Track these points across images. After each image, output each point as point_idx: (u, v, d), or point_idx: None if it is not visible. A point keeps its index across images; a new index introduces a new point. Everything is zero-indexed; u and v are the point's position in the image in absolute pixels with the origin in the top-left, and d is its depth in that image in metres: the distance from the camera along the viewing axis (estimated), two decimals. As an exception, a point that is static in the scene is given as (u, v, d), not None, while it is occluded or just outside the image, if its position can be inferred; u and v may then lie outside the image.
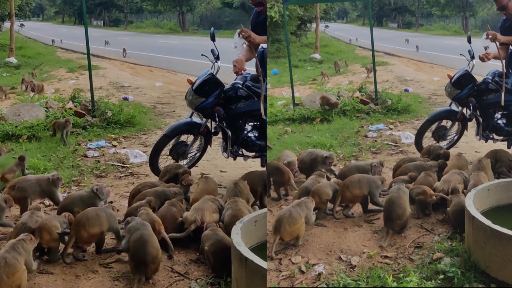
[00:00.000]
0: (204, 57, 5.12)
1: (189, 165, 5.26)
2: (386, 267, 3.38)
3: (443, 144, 5.90)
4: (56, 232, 3.47)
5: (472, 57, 5.59)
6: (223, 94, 4.94)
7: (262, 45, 4.87)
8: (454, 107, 5.82)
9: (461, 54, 5.76)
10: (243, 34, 4.54)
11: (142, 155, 6.06)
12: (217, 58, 5.00)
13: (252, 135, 5.11)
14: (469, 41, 5.67)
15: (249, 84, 4.92)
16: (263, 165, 5.12)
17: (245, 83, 4.93)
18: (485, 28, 5.99)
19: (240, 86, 4.92)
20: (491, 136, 5.75)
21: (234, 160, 5.27)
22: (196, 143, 5.30)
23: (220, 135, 5.18)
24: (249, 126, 5.12)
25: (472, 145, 6.29)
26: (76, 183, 5.20)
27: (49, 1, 25.30)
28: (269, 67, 13.08)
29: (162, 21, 25.61)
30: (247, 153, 5.18)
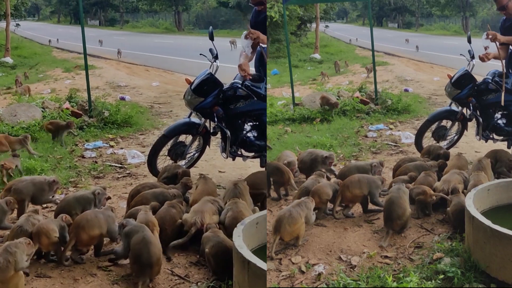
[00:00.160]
0: (201, 56, 5.07)
1: (187, 165, 5.23)
2: (386, 267, 3.36)
3: (443, 144, 5.89)
4: (54, 235, 3.41)
5: (472, 57, 5.58)
6: (222, 94, 4.91)
7: (260, 44, 4.84)
8: (454, 107, 5.82)
9: (461, 54, 5.76)
10: (251, 35, 4.50)
11: (140, 155, 6.02)
12: (215, 57, 4.96)
13: (251, 135, 5.08)
14: (469, 41, 5.67)
15: (248, 83, 4.89)
16: (262, 165, 5.09)
17: (244, 83, 4.90)
18: (485, 28, 5.99)
19: (239, 86, 4.89)
20: (491, 136, 5.75)
21: (233, 160, 5.24)
22: (194, 143, 5.26)
23: (219, 135, 5.15)
24: (248, 126, 5.10)
25: (472, 145, 6.28)
26: (73, 184, 5.16)
27: (45, 1, 25.28)
28: (269, 67, 13.08)
29: (158, 21, 25.63)
30: (246, 153, 5.15)
